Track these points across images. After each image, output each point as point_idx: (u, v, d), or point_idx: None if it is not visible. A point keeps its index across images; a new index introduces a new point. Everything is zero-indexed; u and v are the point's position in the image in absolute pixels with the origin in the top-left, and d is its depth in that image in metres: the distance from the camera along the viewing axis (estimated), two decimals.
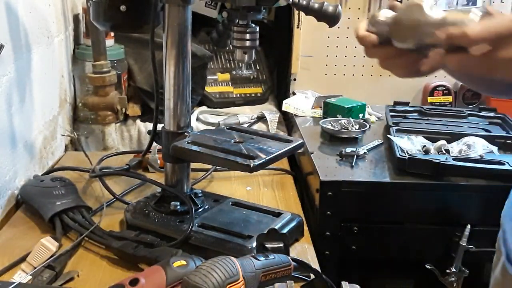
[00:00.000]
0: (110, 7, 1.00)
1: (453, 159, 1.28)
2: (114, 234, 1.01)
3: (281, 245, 0.91)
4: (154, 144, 1.13)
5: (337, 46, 1.96)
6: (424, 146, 1.35)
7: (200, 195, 1.11)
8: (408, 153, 1.30)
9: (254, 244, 0.94)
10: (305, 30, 1.90)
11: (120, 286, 0.76)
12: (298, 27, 1.89)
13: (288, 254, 0.90)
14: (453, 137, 1.44)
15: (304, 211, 1.21)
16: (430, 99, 1.98)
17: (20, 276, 0.89)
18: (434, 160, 1.24)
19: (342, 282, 0.87)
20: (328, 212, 1.24)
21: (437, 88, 1.98)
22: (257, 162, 0.94)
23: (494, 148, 1.37)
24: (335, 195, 1.23)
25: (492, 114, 1.75)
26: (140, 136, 1.68)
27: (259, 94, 1.91)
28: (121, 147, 1.68)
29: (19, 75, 1.19)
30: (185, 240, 0.97)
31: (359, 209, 1.26)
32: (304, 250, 1.05)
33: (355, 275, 1.25)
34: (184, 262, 0.80)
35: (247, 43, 0.98)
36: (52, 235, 0.98)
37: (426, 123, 1.65)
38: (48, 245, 0.93)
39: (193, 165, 1.13)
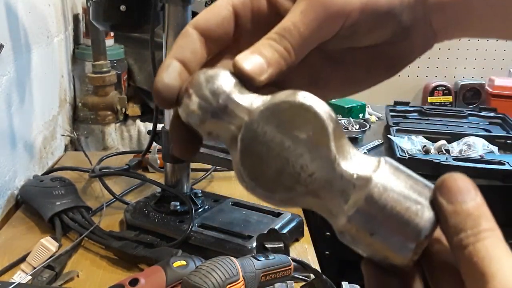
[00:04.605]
0: (110, 7, 1.00)
1: (453, 159, 1.28)
2: (114, 234, 1.00)
3: (281, 245, 0.91)
4: (154, 144, 1.12)
5: None
6: (424, 146, 1.34)
7: (200, 195, 1.11)
8: (408, 153, 1.30)
9: (254, 244, 0.94)
10: None
11: (120, 286, 0.76)
12: None
13: (288, 254, 0.89)
14: (453, 137, 1.44)
15: (304, 211, 1.21)
16: (430, 99, 1.98)
17: (20, 276, 0.88)
18: (434, 160, 1.24)
19: (342, 282, 0.87)
20: None
21: (437, 88, 1.98)
22: None
23: (494, 148, 1.37)
24: None
25: (492, 114, 1.75)
26: (140, 136, 1.68)
27: None
28: (121, 147, 1.68)
29: (19, 75, 1.19)
30: (185, 240, 0.97)
31: None
32: (304, 250, 1.05)
33: (355, 275, 1.25)
34: (184, 262, 0.80)
35: None
36: (52, 235, 0.98)
37: (426, 123, 1.65)
38: (48, 245, 0.93)
39: (193, 165, 1.12)
